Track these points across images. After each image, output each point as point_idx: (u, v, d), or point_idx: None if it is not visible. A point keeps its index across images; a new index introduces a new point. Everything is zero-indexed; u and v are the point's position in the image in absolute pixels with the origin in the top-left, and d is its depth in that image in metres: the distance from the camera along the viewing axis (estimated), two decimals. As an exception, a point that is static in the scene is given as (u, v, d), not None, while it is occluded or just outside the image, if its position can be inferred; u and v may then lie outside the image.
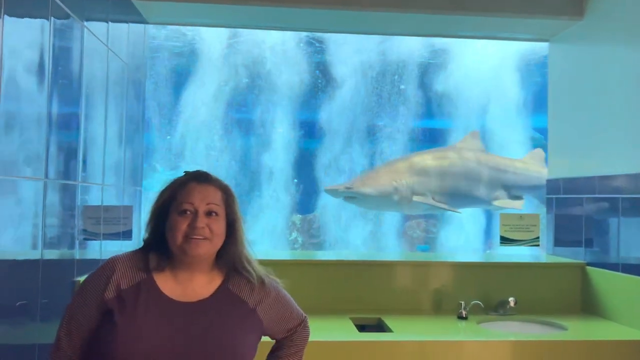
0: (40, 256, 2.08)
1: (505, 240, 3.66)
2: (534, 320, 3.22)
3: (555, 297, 3.46)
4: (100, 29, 2.75)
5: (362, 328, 3.05)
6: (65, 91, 2.34)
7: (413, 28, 4.07)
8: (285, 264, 3.46)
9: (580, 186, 3.53)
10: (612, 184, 3.19)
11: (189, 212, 1.54)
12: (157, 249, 1.57)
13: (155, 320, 1.48)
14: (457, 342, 2.78)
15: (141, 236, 1.63)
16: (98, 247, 2.78)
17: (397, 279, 3.42)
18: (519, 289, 3.36)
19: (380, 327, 3.12)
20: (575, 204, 3.57)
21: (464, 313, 3.19)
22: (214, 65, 6.62)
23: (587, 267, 3.43)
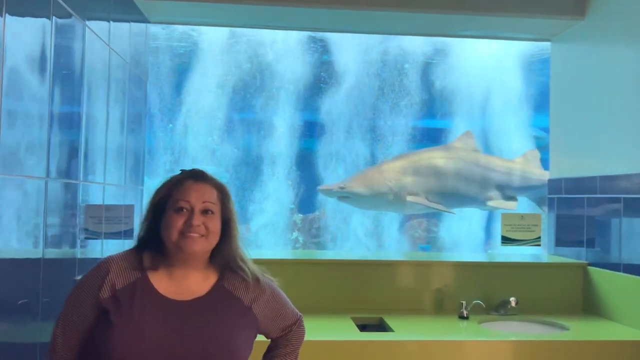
0: (41, 255, 2.09)
1: (506, 240, 3.66)
2: (535, 320, 3.22)
3: (557, 297, 3.46)
4: (102, 29, 2.75)
5: (364, 328, 3.05)
6: (67, 90, 2.34)
7: (414, 28, 4.07)
8: (286, 263, 3.46)
9: (582, 186, 3.53)
10: (614, 183, 3.19)
11: (185, 210, 1.54)
12: (152, 247, 1.58)
13: (151, 319, 1.48)
14: (458, 342, 2.78)
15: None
16: (99, 246, 2.78)
17: (399, 278, 3.42)
18: (520, 289, 3.36)
19: (381, 327, 3.12)
20: (577, 203, 3.57)
21: (465, 313, 3.18)
22: (214, 65, 6.62)
23: (589, 267, 3.43)
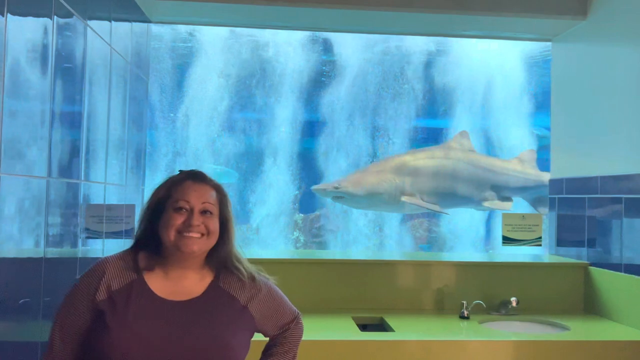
0: (42, 254, 2.09)
1: (507, 240, 3.66)
2: (536, 320, 3.22)
3: (558, 297, 3.46)
4: (103, 28, 2.75)
5: (364, 327, 3.05)
6: (68, 90, 2.34)
7: (416, 27, 4.07)
8: (287, 263, 3.46)
9: (583, 186, 3.53)
10: (615, 184, 3.19)
11: (185, 210, 1.55)
12: (148, 247, 1.58)
13: (147, 320, 1.48)
14: (459, 342, 2.78)
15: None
16: (100, 245, 2.78)
17: (400, 278, 3.42)
18: (521, 289, 3.36)
19: (382, 327, 3.12)
20: (578, 204, 3.57)
21: (466, 313, 3.19)
22: (215, 64, 6.62)
23: (590, 267, 3.42)
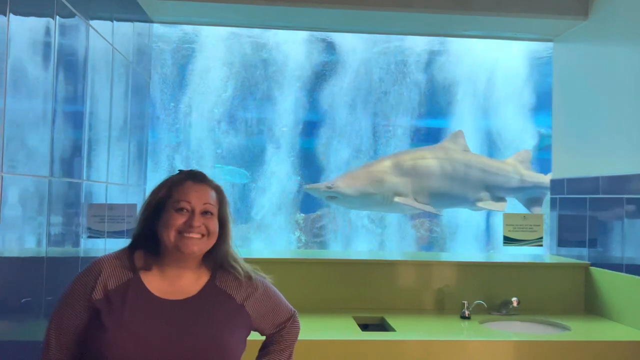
0: (44, 254, 2.10)
1: (508, 240, 3.66)
2: (537, 320, 3.22)
3: (559, 297, 3.46)
4: (105, 28, 2.75)
5: (365, 327, 3.06)
6: (70, 89, 2.34)
7: (417, 27, 4.07)
8: (288, 262, 3.46)
9: (584, 186, 3.53)
10: (617, 184, 3.19)
11: (186, 211, 1.55)
12: (145, 246, 1.58)
13: (143, 319, 1.48)
14: (459, 342, 2.78)
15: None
16: (102, 245, 2.78)
17: (400, 278, 3.42)
18: (522, 289, 3.37)
19: (383, 327, 3.13)
20: (579, 204, 3.57)
21: (466, 313, 3.19)
22: (216, 65, 6.62)
23: (591, 268, 3.42)
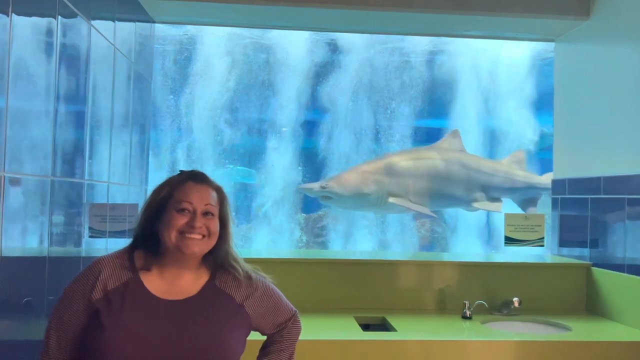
0: (46, 253, 2.10)
1: (510, 240, 3.66)
2: (538, 320, 3.22)
3: (560, 297, 3.46)
4: (106, 28, 2.76)
5: (366, 327, 3.06)
6: (72, 89, 2.35)
7: (418, 27, 4.07)
8: (289, 262, 3.46)
9: (585, 186, 3.52)
10: (618, 184, 3.18)
11: (187, 211, 1.55)
12: (146, 246, 1.58)
13: (142, 319, 1.48)
14: (461, 342, 2.78)
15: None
16: (104, 244, 2.79)
17: (402, 278, 3.42)
18: (523, 289, 3.36)
19: (384, 327, 3.13)
20: (581, 204, 3.56)
21: (468, 313, 3.19)
22: (217, 65, 6.62)
23: (592, 268, 3.42)
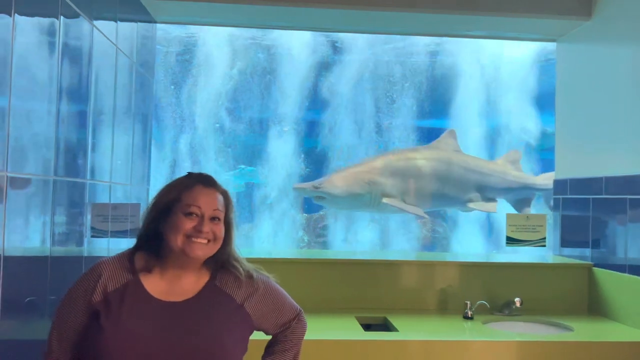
0: (48, 253, 2.10)
1: (511, 240, 3.66)
2: (540, 320, 3.22)
3: (562, 297, 3.46)
4: (109, 28, 2.76)
5: (368, 327, 3.05)
6: (74, 90, 2.35)
7: (420, 27, 4.07)
8: (290, 262, 3.46)
9: (587, 187, 3.52)
10: (620, 184, 3.18)
11: (195, 216, 1.55)
12: (148, 247, 1.59)
13: (142, 320, 1.49)
14: (462, 342, 2.78)
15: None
16: (106, 244, 2.79)
17: (403, 278, 3.42)
18: (525, 290, 3.36)
19: (385, 327, 3.13)
20: (582, 204, 3.56)
21: (469, 313, 3.19)
22: (218, 65, 6.63)
23: (594, 268, 3.42)
